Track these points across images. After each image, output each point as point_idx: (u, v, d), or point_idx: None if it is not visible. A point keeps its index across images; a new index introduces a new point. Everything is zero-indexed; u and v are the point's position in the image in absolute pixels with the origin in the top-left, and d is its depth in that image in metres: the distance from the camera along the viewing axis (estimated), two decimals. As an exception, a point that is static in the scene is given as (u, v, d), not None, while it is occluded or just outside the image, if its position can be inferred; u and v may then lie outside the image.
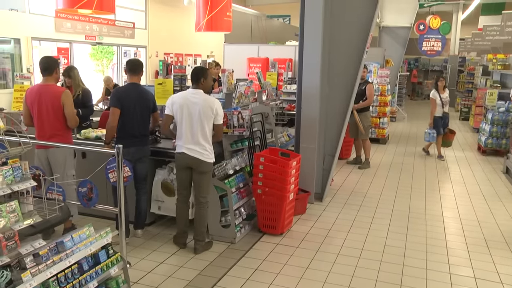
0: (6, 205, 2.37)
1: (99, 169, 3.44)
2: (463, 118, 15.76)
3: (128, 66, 4.73)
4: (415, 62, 26.35)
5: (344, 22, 6.06)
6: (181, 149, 4.37)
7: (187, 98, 4.34)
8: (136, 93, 4.61)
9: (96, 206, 3.41)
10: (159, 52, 15.15)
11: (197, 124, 4.28)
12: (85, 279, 2.72)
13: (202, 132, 4.30)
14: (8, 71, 10.47)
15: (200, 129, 4.29)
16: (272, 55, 10.76)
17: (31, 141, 2.94)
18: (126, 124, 4.54)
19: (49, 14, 11.15)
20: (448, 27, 16.24)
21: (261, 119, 5.59)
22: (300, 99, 6.01)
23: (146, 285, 3.88)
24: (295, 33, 12.84)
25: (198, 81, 4.38)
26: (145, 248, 4.61)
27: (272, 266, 4.27)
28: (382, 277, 4.11)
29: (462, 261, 4.53)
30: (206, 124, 4.30)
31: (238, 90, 5.30)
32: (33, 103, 4.50)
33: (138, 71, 4.72)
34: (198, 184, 4.45)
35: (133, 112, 4.54)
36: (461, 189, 7.15)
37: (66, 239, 2.68)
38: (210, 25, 10.66)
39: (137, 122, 4.57)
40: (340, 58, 6.12)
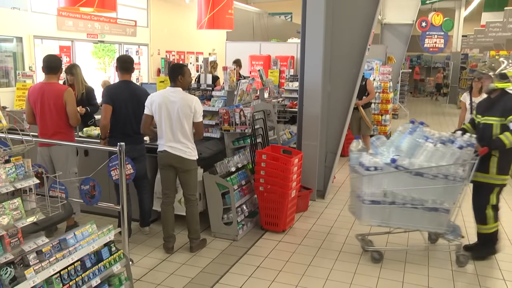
0: (9, 203, 2.38)
1: (101, 167, 3.45)
2: (465, 115, 15.70)
3: (119, 64, 4.64)
4: (417, 59, 26.32)
5: (346, 19, 6.05)
6: (162, 147, 4.30)
7: (165, 96, 4.24)
8: (128, 90, 4.56)
9: (98, 204, 3.42)
10: (161, 50, 15.16)
11: (176, 122, 4.20)
12: (88, 276, 2.74)
13: (182, 131, 4.22)
14: (11, 69, 10.49)
15: (180, 127, 4.21)
16: (274, 52, 10.74)
17: (34, 139, 2.95)
18: (118, 122, 4.51)
19: (51, 12, 11.16)
20: (451, 24, 16.20)
21: (263, 116, 5.59)
22: (302, 97, 6.01)
23: (149, 282, 3.89)
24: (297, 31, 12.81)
25: (176, 79, 4.28)
26: (147, 245, 4.63)
27: (274, 263, 4.28)
28: (384, 274, 4.11)
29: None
30: (185, 123, 4.21)
31: (240, 88, 5.30)
32: (36, 101, 4.51)
33: (130, 69, 4.65)
34: (185, 183, 4.41)
35: (125, 109, 4.51)
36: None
37: (69, 236, 2.69)
38: (212, 23, 10.66)
39: (130, 120, 4.53)
40: (342, 55, 6.11)
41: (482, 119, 4.27)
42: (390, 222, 4.23)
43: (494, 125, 4.14)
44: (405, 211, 4.15)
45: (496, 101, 4.20)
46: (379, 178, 4.10)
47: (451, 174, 3.99)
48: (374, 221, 4.23)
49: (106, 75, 13.33)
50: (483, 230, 4.34)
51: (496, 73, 4.16)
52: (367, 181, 4.11)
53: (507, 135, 4.02)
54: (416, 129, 4.19)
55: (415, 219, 4.18)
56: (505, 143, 4.02)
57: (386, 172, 4.06)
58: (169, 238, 4.49)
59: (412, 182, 4.03)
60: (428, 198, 4.09)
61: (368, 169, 4.08)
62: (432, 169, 3.98)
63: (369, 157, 4.14)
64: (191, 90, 5.57)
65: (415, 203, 4.10)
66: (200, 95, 5.57)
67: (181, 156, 4.27)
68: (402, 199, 4.12)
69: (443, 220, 4.14)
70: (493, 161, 4.15)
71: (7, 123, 2.65)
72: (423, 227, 4.28)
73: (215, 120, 5.27)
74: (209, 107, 5.32)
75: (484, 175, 4.22)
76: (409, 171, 4.00)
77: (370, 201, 4.14)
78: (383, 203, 4.13)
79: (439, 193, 4.06)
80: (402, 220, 4.20)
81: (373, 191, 4.12)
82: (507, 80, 4.15)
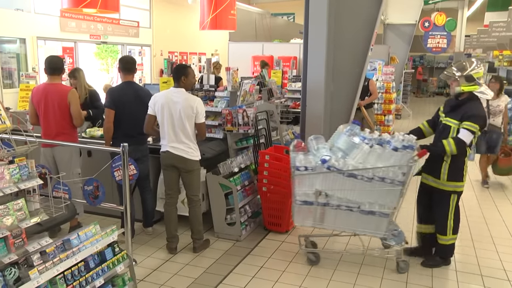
0: (13, 203, 2.39)
1: (104, 168, 3.45)
2: (468, 115, 15.67)
3: (122, 65, 4.63)
4: (420, 59, 26.25)
5: (348, 19, 6.04)
6: (165, 148, 4.31)
7: (168, 97, 4.24)
8: (130, 91, 4.56)
9: (102, 204, 3.43)
10: (164, 50, 15.17)
11: (178, 123, 4.20)
12: (92, 277, 2.74)
13: (184, 131, 4.22)
14: (14, 70, 10.52)
15: (182, 128, 4.21)
16: (276, 53, 10.75)
17: (37, 140, 2.95)
18: (122, 123, 4.51)
19: (54, 13, 11.19)
20: (454, 24, 16.17)
21: (266, 117, 5.59)
22: (305, 97, 6.00)
23: (152, 282, 3.89)
24: (300, 31, 12.81)
25: (179, 79, 4.28)
26: (150, 246, 4.63)
27: (277, 264, 4.27)
28: (387, 274, 4.10)
29: (469, 258, 4.51)
30: (187, 123, 4.21)
31: (243, 88, 5.30)
32: (39, 102, 4.52)
33: (132, 69, 4.65)
34: (188, 183, 4.41)
35: (128, 111, 4.50)
36: (466, 186, 7.10)
37: (72, 237, 2.69)
38: (214, 24, 10.67)
39: (133, 121, 4.51)
40: (344, 56, 6.10)
41: (445, 119, 4.10)
42: (323, 224, 4.11)
43: (452, 128, 3.97)
44: (340, 214, 4.00)
45: (462, 104, 3.98)
46: (311, 179, 3.98)
47: (388, 177, 3.81)
48: (306, 222, 4.14)
49: (109, 76, 13.35)
50: (442, 241, 4.17)
51: (462, 75, 3.94)
52: (298, 181, 4.03)
53: (450, 141, 3.87)
54: (353, 129, 4.05)
55: (351, 222, 4.02)
56: (445, 150, 3.88)
57: (316, 173, 3.94)
58: (172, 238, 4.49)
59: (348, 184, 3.89)
60: (365, 201, 3.92)
61: (298, 169, 4.00)
62: (368, 171, 3.82)
63: (301, 157, 4.04)
64: (194, 91, 5.57)
65: (351, 205, 3.95)
66: (203, 95, 5.57)
67: (184, 157, 4.27)
68: (337, 201, 3.97)
69: (381, 224, 3.97)
70: (444, 167, 4.00)
71: (10, 124, 2.64)
72: (360, 231, 4.09)
73: (218, 120, 5.27)
74: (212, 107, 5.33)
75: (435, 180, 4.09)
76: (341, 172, 3.86)
77: (302, 201, 4.06)
78: (316, 204, 4.02)
79: (376, 196, 3.89)
80: (336, 222, 4.06)
81: (305, 191, 4.02)
82: (474, 82, 3.92)
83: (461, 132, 3.87)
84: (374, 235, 4.08)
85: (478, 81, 3.95)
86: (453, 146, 3.85)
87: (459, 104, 4.02)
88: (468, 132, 3.85)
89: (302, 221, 4.16)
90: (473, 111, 3.90)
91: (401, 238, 4.18)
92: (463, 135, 3.86)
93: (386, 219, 3.95)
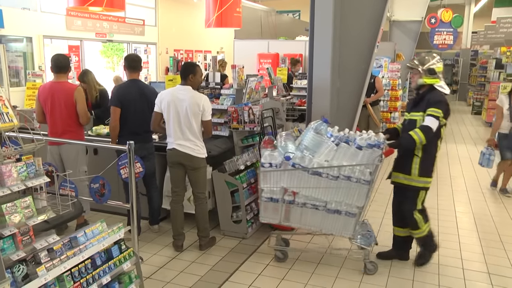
0: (20, 201, 2.40)
1: (111, 165, 3.46)
2: (475, 112, 15.60)
3: (127, 63, 4.64)
4: (427, 56, 26.07)
5: (354, 16, 6.01)
6: (171, 145, 4.32)
7: (174, 95, 4.25)
8: (136, 89, 4.57)
9: (108, 202, 3.44)
10: (169, 48, 15.20)
11: (184, 120, 4.21)
12: (98, 274, 2.75)
13: (190, 129, 4.23)
14: (21, 69, 10.59)
15: (188, 126, 4.22)
16: (282, 50, 10.72)
17: (44, 138, 2.96)
18: (127, 121, 4.53)
19: (60, 12, 11.24)
20: (460, 20, 16.03)
21: (271, 114, 5.58)
22: (311, 94, 5.98)
23: (159, 280, 3.90)
24: (305, 28, 12.76)
25: (186, 77, 4.29)
26: (157, 243, 4.64)
27: (283, 262, 4.27)
28: (393, 272, 4.09)
29: (476, 256, 4.49)
30: (193, 121, 4.22)
31: (249, 86, 5.30)
32: (46, 100, 4.54)
33: (138, 67, 4.66)
34: (194, 181, 4.42)
35: (134, 109, 4.51)
36: (473, 184, 7.08)
37: (79, 234, 2.70)
38: (220, 21, 10.66)
39: (139, 119, 4.53)
40: (350, 53, 6.07)
41: (409, 115, 4.07)
42: (289, 222, 4.07)
43: (418, 121, 3.92)
44: (306, 212, 3.96)
45: (423, 97, 3.97)
46: (278, 175, 3.95)
47: (355, 176, 3.76)
48: (271, 218, 4.11)
49: (115, 74, 13.38)
50: (418, 235, 4.11)
51: (425, 68, 3.95)
52: (262, 177, 4.01)
53: (416, 131, 3.80)
54: (321, 126, 3.97)
55: (317, 220, 3.97)
56: (414, 139, 3.79)
57: (280, 170, 3.91)
58: (178, 236, 4.49)
59: (313, 182, 3.83)
60: (331, 200, 3.88)
61: (263, 165, 3.98)
62: (333, 169, 3.78)
63: (266, 153, 4.02)
64: (200, 89, 5.57)
65: (317, 204, 3.90)
66: (209, 93, 5.57)
67: (190, 154, 4.28)
68: (303, 199, 3.93)
69: (348, 224, 3.91)
70: (415, 162, 3.94)
71: (17, 122, 2.66)
72: (326, 230, 4.02)
73: (224, 118, 5.27)
74: (217, 105, 5.32)
75: (406, 177, 4.00)
76: (305, 169, 3.82)
77: (267, 198, 4.04)
78: (282, 201, 4.00)
79: (342, 195, 3.84)
80: (302, 220, 4.01)
81: (270, 187, 3.99)
82: (435, 75, 3.93)
83: (426, 120, 3.84)
84: (341, 234, 4.00)
85: (439, 75, 3.97)
86: (420, 134, 3.79)
87: (421, 98, 4.01)
88: (432, 118, 3.82)
89: (269, 217, 4.13)
90: (435, 98, 3.89)
91: (371, 240, 4.16)
92: (428, 121, 3.82)
93: (353, 219, 3.89)
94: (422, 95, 4.00)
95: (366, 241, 4.12)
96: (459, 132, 11.96)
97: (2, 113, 2.58)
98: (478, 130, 12.45)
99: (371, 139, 3.81)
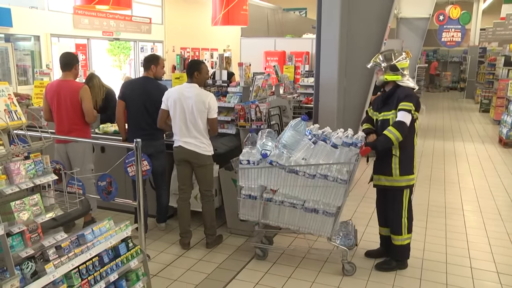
0: (29, 198, 2.41)
1: (118, 163, 3.47)
2: (483, 110, 15.49)
3: (143, 62, 4.84)
4: (434, 53, 25.95)
5: (361, 13, 5.99)
6: (178, 142, 4.34)
7: (181, 92, 4.28)
8: (141, 86, 4.62)
9: (115, 200, 3.45)
10: (176, 46, 15.22)
11: (190, 118, 4.23)
12: (106, 271, 2.76)
13: (196, 126, 4.25)
14: (29, 67, 10.65)
15: (194, 123, 4.24)
16: (288, 48, 10.71)
17: (52, 135, 2.98)
18: (131, 116, 4.62)
19: (67, 11, 11.28)
20: (468, 17, 15.94)
21: (278, 112, 5.57)
22: (318, 92, 5.97)
23: (166, 277, 3.91)
24: (312, 26, 12.73)
25: (192, 75, 4.33)
26: (164, 241, 4.65)
27: (290, 260, 4.26)
28: (401, 270, 4.07)
29: (484, 255, 4.46)
30: (199, 119, 4.24)
31: (256, 84, 5.29)
32: (52, 98, 4.57)
33: (149, 65, 4.69)
34: (201, 178, 4.43)
35: (137, 104, 4.56)
36: (482, 182, 7.03)
37: (86, 232, 2.71)
38: (226, 19, 10.65)
39: (142, 115, 4.55)
40: (358, 50, 6.05)
41: (380, 115, 3.97)
42: (267, 220, 4.03)
43: (391, 120, 3.84)
44: (284, 210, 3.92)
45: (391, 95, 3.89)
46: (255, 173, 3.92)
47: (331, 175, 3.71)
48: (249, 215, 4.08)
49: (122, 72, 13.43)
50: (397, 242, 4.01)
51: (387, 64, 3.87)
52: (241, 174, 3.99)
53: (389, 129, 3.74)
54: (300, 124, 3.90)
55: (295, 219, 3.92)
56: (390, 138, 3.71)
57: (257, 167, 3.88)
58: (185, 233, 4.50)
59: (290, 180, 3.81)
60: (309, 199, 3.83)
61: (241, 163, 3.96)
62: (310, 167, 3.74)
63: (245, 150, 4.00)
64: (207, 87, 5.57)
65: (294, 202, 3.86)
66: (216, 91, 5.57)
67: (196, 151, 4.29)
68: (281, 197, 3.89)
69: (326, 224, 3.85)
70: (395, 162, 3.86)
71: (26, 120, 2.67)
72: (304, 229, 3.95)
73: (231, 116, 5.26)
74: (224, 103, 5.32)
75: (387, 178, 3.92)
76: (282, 167, 3.79)
77: (245, 195, 4.02)
78: (259, 199, 3.97)
79: (319, 194, 3.79)
80: (280, 218, 3.97)
81: (249, 185, 3.97)
82: (397, 72, 3.85)
83: (398, 115, 3.79)
84: (320, 234, 3.95)
85: (403, 71, 3.89)
86: (394, 131, 3.73)
87: (388, 96, 3.94)
88: (404, 112, 3.77)
89: (246, 214, 4.11)
90: (404, 92, 3.83)
91: (351, 241, 4.09)
92: (400, 116, 3.77)
93: (331, 219, 3.84)
94: (390, 93, 3.93)
95: (345, 242, 4.09)
96: (467, 130, 11.88)
97: (11, 111, 2.60)
98: (486, 128, 12.36)
99: (348, 138, 3.78)
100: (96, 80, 5.64)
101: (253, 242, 4.32)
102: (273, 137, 4.10)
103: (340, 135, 3.82)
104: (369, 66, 4.07)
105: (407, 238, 4.03)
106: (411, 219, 4.05)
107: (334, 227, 3.90)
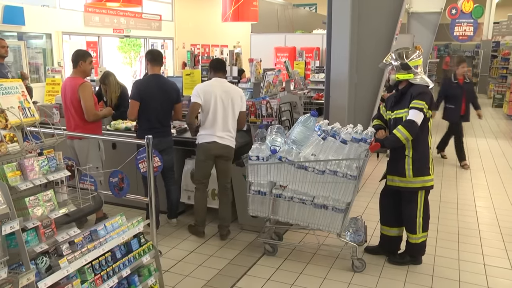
0: (42, 194, 2.43)
1: (129, 160, 3.49)
2: (496, 105, 15.31)
3: (150, 56, 4.70)
4: (445, 48, 25.68)
5: (372, 8, 5.94)
6: (211, 138, 4.39)
7: (217, 86, 4.44)
8: (157, 84, 4.59)
9: (126, 196, 3.47)
10: (186, 43, 15.25)
11: (229, 111, 4.41)
12: (118, 267, 2.78)
13: (233, 120, 4.45)
14: (41, 65, 10.74)
15: (232, 116, 4.43)
16: (299, 44, 10.68)
17: (64, 132, 3.01)
18: (146, 115, 4.56)
19: (78, 9, 11.36)
20: (481, 11, 15.72)
21: (289, 108, 5.56)
22: (329, 88, 5.95)
23: (177, 273, 3.93)
24: (323, 21, 12.66)
25: (220, 71, 4.56)
26: (175, 237, 4.68)
27: (302, 256, 4.26)
28: (413, 267, 4.05)
29: (497, 251, 4.42)
30: (236, 111, 4.46)
31: (266, 80, 5.28)
32: (61, 96, 4.67)
33: (159, 62, 4.70)
34: (225, 172, 4.55)
35: (154, 104, 4.53)
36: (495, 178, 6.95)
37: (99, 227, 2.73)
38: (236, 15, 10.66)
39: (158, 113, 4.55)
40: (369, 46, 6.01)
41: (393, 114, 3.90)
42: (277, 216, 4.05)
43: (404, 118, 3.75)
44: (293, 206, 3.92)
45: (404, 93, 3.83)
46: (264, 169, 3.92)
47: (341, 171, 3.68)
48: (259, 211, 4.08)
49: (132, 69, 13.49)
50: (412, 240, 3.98)
51: (399, 63, 3.81)
52: (250, 170, 3.99)
53: (400, 129, 3.67)
54: (310, 119, 3.90)
55: (304, 215, 3.91)
56: (398, 138, 3.67)
57: (267, 163, 3.87)
58: (202, 222, 4.62)
59: (299, 176, 3.79)
60: (318, 195, 3.82)
61: (250, 158, 3.96)
62: (320, 163, 3.71)
63: (255, 146, 3.99)
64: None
65: (304, 198, 3.86)
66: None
67: (230, 146, 4.47)
68: (291, 193, 3.90)
69: (336, 220, 3.83)
70: (408, 162, 3.79)
71: (38, 117, 2.70)
72: (313, 225, 3.94)
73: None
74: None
75: (401, 179, 3.85)
76: (292, 163, 3.77)
77: (255, 191, 4.02)
78: (269, 195, 3.97)
79: (328, 190, 3.77)
80: (290, 214, 3.97)
81: (258, 181, 3.97)
82: (409, 70, 3.79)
83: (409, 113, 3.72)
84: (329, 230, 3.93)
85: (415, 69, 3.82)
86: (403, 130, 3.67)
87: (402, 94, 3.87)
88: (416, 110, 3.70)
89: (256, 210, 4.11)
90: (417, 90, 3.77)
91: (360, 237, 4.08)
92: (411, 115, 3.71)
93: (341, 215, 3.83)
94: (403, 91, 3.87)
95: (355, 238, 4.09)
96: (479, 126, 11.75)
97: (25, 108, 2.62)
98: (499, 123, 12.21)
99: (357, 133, 3.75)
100: (111, 78, 5.67)
101: (263, 238, 4.32)
102: (282, 133, 4.10)
103: (350, 130, 3.80)
104: (380, 65, 4.04)
105: (422, 237, 3.99)
106: (426, 218, 4.00)
107: (344, 223, 3.89)
